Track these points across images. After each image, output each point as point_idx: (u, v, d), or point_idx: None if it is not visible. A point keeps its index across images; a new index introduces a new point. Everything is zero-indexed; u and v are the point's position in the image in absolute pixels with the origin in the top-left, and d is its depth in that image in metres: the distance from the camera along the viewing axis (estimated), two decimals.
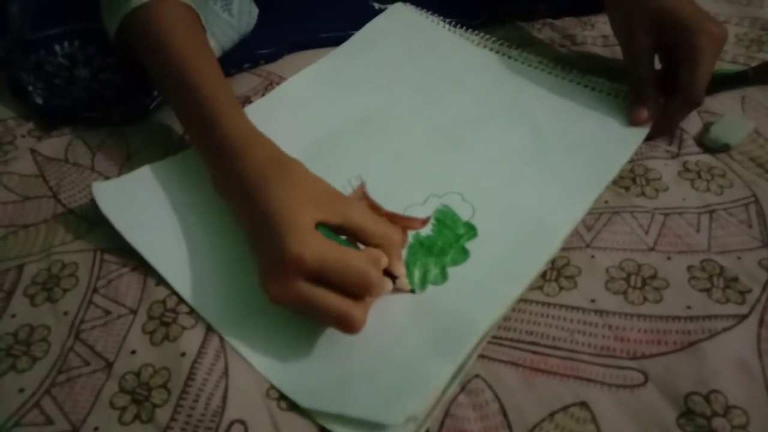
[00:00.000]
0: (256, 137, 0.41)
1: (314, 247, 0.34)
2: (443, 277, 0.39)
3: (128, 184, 0.44)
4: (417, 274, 0.39)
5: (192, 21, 0.46)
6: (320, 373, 0.35)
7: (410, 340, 0.36)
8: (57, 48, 0.49)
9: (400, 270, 0.38)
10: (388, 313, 0.37)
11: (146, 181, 0.45)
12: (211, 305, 0.38)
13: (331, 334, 0.36)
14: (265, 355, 0.36)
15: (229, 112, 0.41)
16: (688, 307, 0.36)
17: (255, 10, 0.58)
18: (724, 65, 0.55)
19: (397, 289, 0.38)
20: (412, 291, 0.38)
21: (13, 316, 0.38)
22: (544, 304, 0.38)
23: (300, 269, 0.33)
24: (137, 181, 0.45)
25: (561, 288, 0.38)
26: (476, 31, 0.59)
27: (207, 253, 0.41)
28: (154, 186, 0.44)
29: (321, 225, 0.36)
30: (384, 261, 0.36)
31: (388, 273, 0.37)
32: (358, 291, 0.34)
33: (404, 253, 0.40)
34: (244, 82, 0.56)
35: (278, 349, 0.36)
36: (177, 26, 0.44)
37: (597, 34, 0.60)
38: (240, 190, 0.38)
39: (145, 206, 0.43)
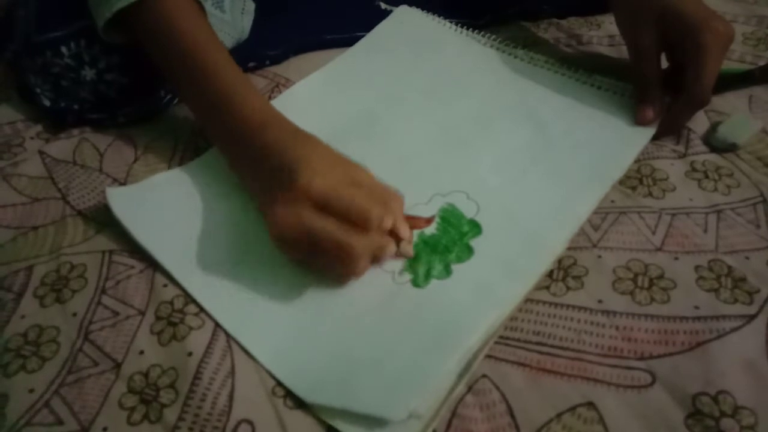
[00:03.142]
0: (276, 115, 0.43)
1: (322, 179, 0.37)
2: (447, 272, 0.39)
3: (142, 191, 0.45)
4: (421, 270, 0.39)
5: (197, 8, 0.47)
6: (323, 367, 0.35)
7: (412, 335, 0.36)
8: (63, 49, 0.49)
9: (405, 233, 0.39)
10: (390, 308, 0.38)
11: (159, 188, 0.45)
12: (217, 299, 0.38)
13: (335, 327, 0.37)
14: (269, 348, 0.36)
15: (247, 91, 0.43)
16: (696, 308, 0.36)
17: (251, 6, 0.57)
18: (731, 64, 0.55)
19: (399, 254, 0.39)
20: (415, 257, 0.40)
21: (23, 317, 0.39)
22: (550, 304, 0.38)
23: (308, 196, 0.36)
24: (151, 188, 0.45)
25: (568, 288, 0.38)
26: (481, 32, 0.59)
27: (216, 251, 0.41)
28: (167, 193, 0.45)
29: None
30: (388, 221, 0.37)
31: (394, 235, 0.39)
32: (360, 222, 0.36)
33: None
34: None
35: (282, 342, 0.36)
36: (185, 12, 0.45)
37: (603, 33, 0.60)
38: (259, 157, 0.40)
39: (156, 210, 0.44)
